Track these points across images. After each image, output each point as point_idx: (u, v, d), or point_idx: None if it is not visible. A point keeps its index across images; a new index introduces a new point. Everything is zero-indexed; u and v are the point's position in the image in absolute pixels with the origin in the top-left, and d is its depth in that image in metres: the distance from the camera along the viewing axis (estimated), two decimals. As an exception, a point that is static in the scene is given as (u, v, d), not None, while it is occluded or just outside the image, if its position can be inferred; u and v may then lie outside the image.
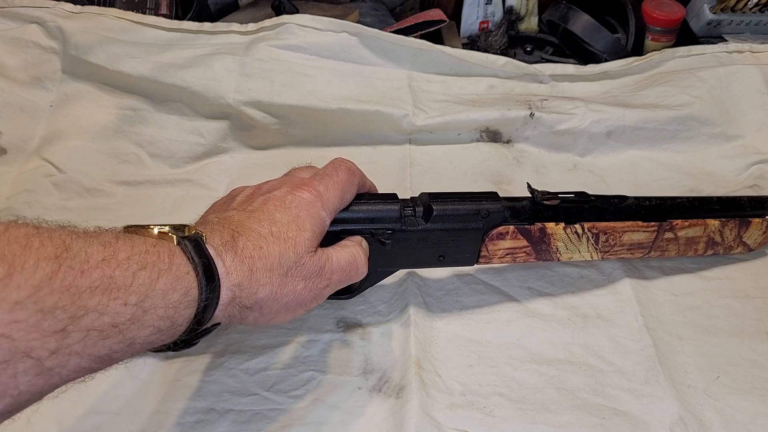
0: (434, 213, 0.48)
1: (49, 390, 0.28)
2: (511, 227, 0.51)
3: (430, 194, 0.50)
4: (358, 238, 0.46)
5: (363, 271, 0.45)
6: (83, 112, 0.69)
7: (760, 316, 0.56)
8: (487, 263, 0.53)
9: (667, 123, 0.72)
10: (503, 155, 0.71)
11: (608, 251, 0.55)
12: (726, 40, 0.87)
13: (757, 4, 0.88)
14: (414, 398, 0.47)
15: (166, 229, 0.35)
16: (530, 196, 0.52)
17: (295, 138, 0.71)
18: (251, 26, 0.74)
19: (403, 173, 0.69)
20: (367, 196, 0.48)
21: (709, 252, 0.58)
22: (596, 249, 0.54)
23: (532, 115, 0.71)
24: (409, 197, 0.50)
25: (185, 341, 0.36)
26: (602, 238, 0.53)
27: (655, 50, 0.80)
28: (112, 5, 0.78)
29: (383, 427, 0.46)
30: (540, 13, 0.91)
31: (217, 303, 0.35)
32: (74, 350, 0.27)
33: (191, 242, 0.34)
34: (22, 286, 0.25)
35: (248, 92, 0.68)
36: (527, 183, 0.52)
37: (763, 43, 0.81)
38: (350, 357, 0.51)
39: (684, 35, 0.88)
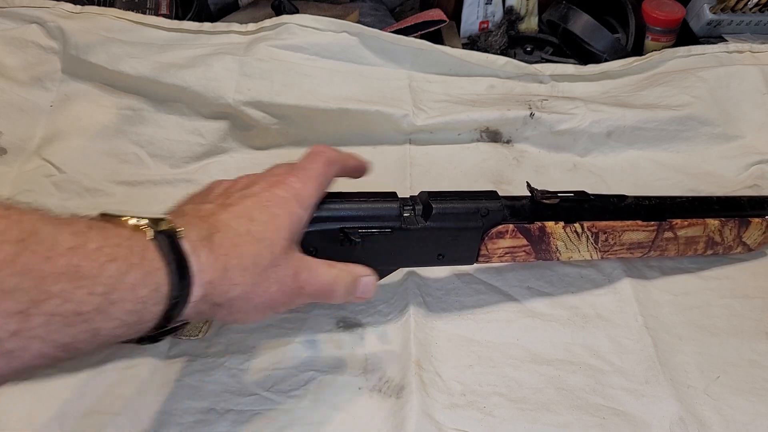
0: (433, 211, 0.48)
1: (10, 374, 0.28)
2: (511, 226, 0.51)
3: (429, 193, 0.50)
4: (364, 270, 0.45)
5: (337, 298, 0.43)
6: (83, 112, 0.69)
7: (760, 316, 0.56)
8: (487, 262, 0.53)
9: (667, 123, 0.71)
10: (503, 155, 0.71)
11: (608, 251, 0.54)
12: (726, 40, 0.87)
13: (757, 4, 0.88)
14: (414, 398, 0.47)
15: (144, 222, 0.34)
16: (530, 195, 0.52)
17: (295, 138, 0.71)
18: (251, 26, 0.74)
19: (403, 173, 0.69)
20: (366, 194, 0.48)
21: (709, 252, 0.58)
22: (596, 248, 0.54)
23: (532, 115, 0.71)
24: (408, 196, 0.50)
25: (151, 337, 0.35)
26: (602, 237, 0.53)
27: (655, 50, 0.80)
28: (112, 5, 0.78)
29: (383, 427, 0.46)
30: (540, 13, 0.91)
31: (186, 300, 0.35)
32: (36, 334, 0.27)
33: (167, 237, 0.34)
34: None
35: (248, 92, 0.68)
36: (527, 182, 0.52)
37: (763, 43, 0.81)
38: (350, 357, 0.51)
39: (684, 35, 0.88)
